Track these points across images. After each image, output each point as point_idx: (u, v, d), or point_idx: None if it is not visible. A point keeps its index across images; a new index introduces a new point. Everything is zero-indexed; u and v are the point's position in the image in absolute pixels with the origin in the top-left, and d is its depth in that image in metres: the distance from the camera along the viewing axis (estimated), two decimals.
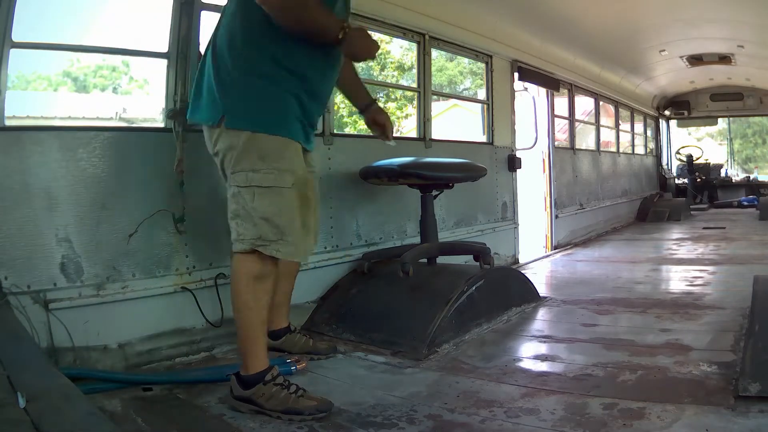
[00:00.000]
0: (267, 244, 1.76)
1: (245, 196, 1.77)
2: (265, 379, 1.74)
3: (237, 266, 1.81)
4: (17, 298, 1.92)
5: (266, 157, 1.76)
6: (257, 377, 1.74)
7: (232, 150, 1.78)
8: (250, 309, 1.78)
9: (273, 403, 1.72)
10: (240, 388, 1.76)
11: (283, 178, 1.78)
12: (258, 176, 1.76)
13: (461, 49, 4.18)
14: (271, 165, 1.76)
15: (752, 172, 15.00)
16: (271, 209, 1.76)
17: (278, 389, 1.73)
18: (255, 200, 1.76)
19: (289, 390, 1.73)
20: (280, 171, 1.77)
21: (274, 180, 1.76)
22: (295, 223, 1.82)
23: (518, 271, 3.79)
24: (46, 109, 6.81)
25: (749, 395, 1.68)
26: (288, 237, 1.78)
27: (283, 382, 1.75)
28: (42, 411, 1.02)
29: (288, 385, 1.75)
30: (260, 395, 1.73)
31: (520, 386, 1.96)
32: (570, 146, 6.04)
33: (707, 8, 5.07)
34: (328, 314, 2.76)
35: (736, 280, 3.55)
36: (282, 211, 1.78)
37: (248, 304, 1.78)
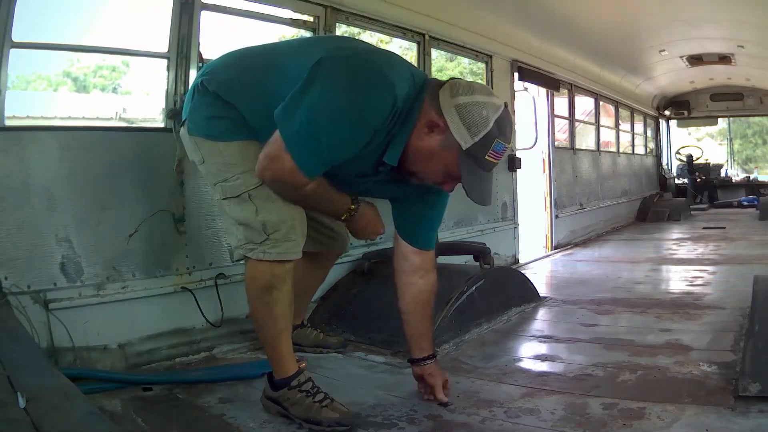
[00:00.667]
0: (254, 247, 1.66)
1: (225, 207, 1.71)
2: (291, 385, 1.70)
3: (248, 276, 1.72)
4: (17, 298, 1.92)
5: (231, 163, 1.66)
6: (284, 382, 1.71)
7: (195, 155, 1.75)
8: (262, 319, 1.71)
9: (296, 409, 1.68)
10: (270, 388, 1.75)
11: (247, 180, 1.64)
12: (228, 185, 1.67)
13: (461, 49, 4.18)
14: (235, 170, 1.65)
15: (752, 172, 14.99)
16: (246, 213, 1.66)
17: (302, 396, 1.68)
18: (231, 209, 1.69)
19: (314, 398, 1.68)
20: (245, 173, 1.64)
21: (243, 184, 1.65)
22: (281, 215, 1.65)
23: (518, 271, 3.79)
24: (46, 109, 6.80)
25: (749, 395, 1.68)
26: (275, 234, 1.64)
27: (311, 389, 1.70)
28: (42, 411, 1.02)
29: (315, 392, 1.70)
30: (285, 399, 1.70)
31: (520, 386, 1.96)
32: (570, 146, 6.04)
33: (707, 8, 5.07)
34: (328, 314, 2.76)
35: (736, 280, 3.55)
36: (260, 209, 1.64)
37: (260, 315, 1.71)
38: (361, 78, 1.47)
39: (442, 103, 1.51)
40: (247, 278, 1.71)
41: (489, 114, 1.50)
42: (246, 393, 1.94)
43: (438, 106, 1.52)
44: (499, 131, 1.51)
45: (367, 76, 1.48)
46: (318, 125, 1.46)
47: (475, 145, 1.50)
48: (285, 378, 1.71)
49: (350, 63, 1.51)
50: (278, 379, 1.72)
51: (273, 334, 1.71)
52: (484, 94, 1.54)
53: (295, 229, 1.68)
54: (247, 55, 1.74)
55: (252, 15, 2.69)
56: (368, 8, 3.24)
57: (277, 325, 1.70)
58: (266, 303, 1.68)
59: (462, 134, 1.50)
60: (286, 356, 1.73)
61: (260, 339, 1.79)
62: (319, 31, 2.97)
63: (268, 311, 1.68)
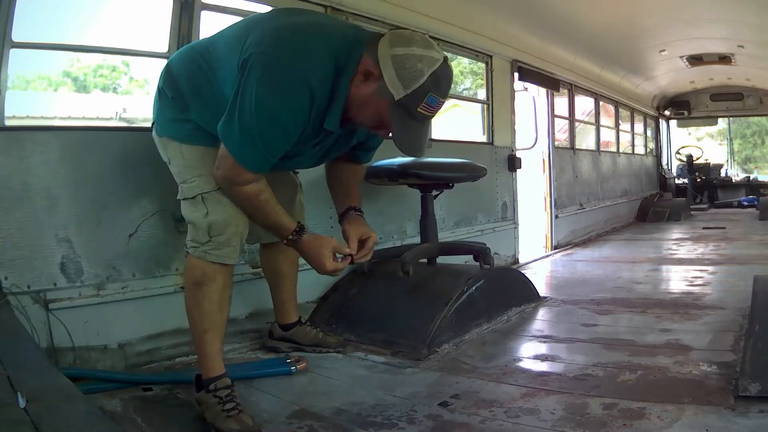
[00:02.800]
0: (197, 246, 1.76)
1: (182, 205, 1.81)
2: (208, 387, 1.71)
3: (185, 271, 1.82)
4: (17, 298, 1.92)
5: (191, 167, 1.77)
6: (204, 383, 1.73)
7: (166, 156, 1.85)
8: (192, 315, 1.78)
9: (208, 413, 1.69)
10: (195, 388, 1.77)
11: (205, 183, 1.75)
12: (186, 187, 1.78)
13: (461, 49, 4.18)
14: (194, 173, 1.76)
15: (752, 172, 14.99)
16: (196, 215, 1.76)
17: (215, 402, 1.67)
18: (185, 209, 1.80)
19: (223, 406, 1.66)
20: (201, 177, 1.75)
21: (198, 187, 1.75)
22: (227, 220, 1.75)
23: (518, 271, 3.79)
24: (46, 109, 6.79)
25: (749, 395, 1.68)
26: (218, 237, 1.75)
27: (224, 396, 1.68)
28: (42, 411, 1.02)
29: (227, 400, 1.67)
30: (202, 401, 1.72)
31: (520, 386, 1.96)
32: (570, 146, 6.04)
33: (707, 8, 5.07)
34: (328, 314, 2.76)
35: (736, 280, 3.54)
36: (209, 212, 1.75)
37: (191, 310, 1.78)
38: (277, 85, 1.54)
39: (380, 52, 1.55)
40: (184, 273, 1.83)
41: (424, 67, 1.51)
42: (246, 393, 1.94)
43: (376, 55, 1.55)
44: (433, 85, 1.52)
45: (281, 81, 1.54)
46: (251, 132, 1.57)
47: (408, 97, 1.52)
48: (207, 379, 1.73)
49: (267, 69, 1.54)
50: (203, 379, 1.74)
51: (200, 331, 1.75)
52: (422, 47, 1.54)
53: (237, 236, 1.79)
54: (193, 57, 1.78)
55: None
56: (368, 8, 3.24)
57: (204, 322, 1.75)
58: (195, 297, 1.76)
59: (395, 85, 1.53)
60: (210, 357, 1.75)
61: (191, 335, 1.81)
62: None
63: (197, 306, 1.76)
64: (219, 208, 1.75)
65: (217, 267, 1.77)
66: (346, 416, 1.75)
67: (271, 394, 1.92)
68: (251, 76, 1.54)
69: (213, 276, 1.76)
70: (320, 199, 2.99)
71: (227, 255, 1.78)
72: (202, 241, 1.75)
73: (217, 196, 1.74)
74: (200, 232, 1.76)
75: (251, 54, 1.55)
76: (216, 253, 1.76)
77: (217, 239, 1.75)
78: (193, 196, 1.76)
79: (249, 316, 2.61)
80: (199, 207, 1.76)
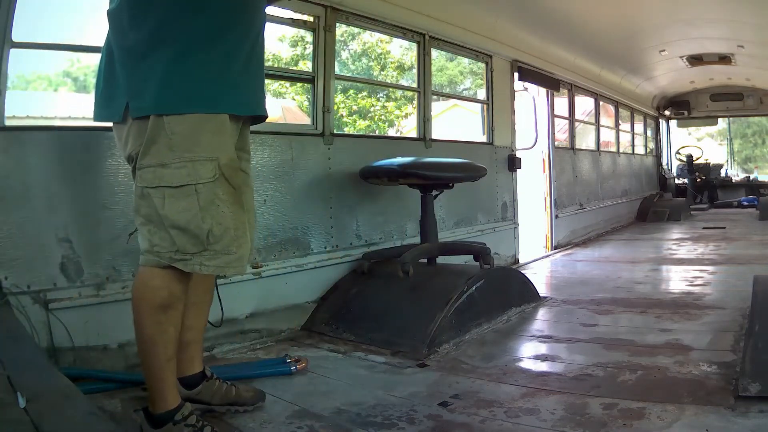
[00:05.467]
0: (188, 258, 1.42)
1: (155, 198, 1.42)
2: (175, 419, 1.49)
3: (141, 291, 1.47)
4: (17, 298, 1.92)
5: (175, 146, 1.40)
6: (166, 416, 1.49)
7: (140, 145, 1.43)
8: (155, 344, 1.47)
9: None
10: (149, 425, 1.50)
11: (201, 169, 1.41)
12: (167, 172, 1.40)
13: (461, 49, 4.18)
14: (183, 155, 1.40)
15: (752, 172, 14.99)
16: (186, 215, 1.41)
17: (189, 430, 1.50)
18: (165, 205, 1.41)
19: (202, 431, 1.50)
20: (195, 162, 1.41)
21: (187, 175, 1.40)
22: (226, 223, 1.45)
23: (518, 271, 3.79)
24: (46, 109, 6.80)
25: (749, 395, 1.68)
26: (215, 245, 1.43)
27: (196, 423, 1.51)
28: (42, 411, 1.02)
29: (201, 426, 1.51)
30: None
31: (520, 386, 1.96)
32: (570, 146, 6.04)
33: (707, 8, 5.07)
34: (328, 314, 2.77)
35: (736, 280, 3.55)
36: (204, 213, 1.42)
37: (153, 339, 1.47)
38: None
39: None
40: (137, 295, 1.48)
41: None
42: None
43: None
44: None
45: None
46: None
47: None
48: (168, 412, 1.49)
49: None
50: (160, 413, 1.49)
51: (163, 361, 1.48)
52: None
53: (238, 241, 1.48)
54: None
55: None
56: (368, 8, 3.24)
57: (168, 351, 1.49)
58: (160, 324, 1.46)
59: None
60: (171, 387, 1.52)
61: (146, 370, 1.50)
62: (318, 31, 2.98)
63: (161, 333, 1.47)
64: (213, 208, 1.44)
65: (183, 286, 1.49)
66: (346, 416, 1.75)
67: (271, 394, 1.92)
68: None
69: (179, 296, 1.48)
70: (320, 199, 3.00)
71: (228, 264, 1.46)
72: (193, 250, 1.42)
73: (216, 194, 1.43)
74: (191, 239, 1.42)
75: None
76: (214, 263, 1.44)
77: (215, 247, 1.44)
78: (180, 184, 1.41)
79: (249, 316, 2.61)
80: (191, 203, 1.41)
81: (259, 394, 1.84)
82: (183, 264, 1.44)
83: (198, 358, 1.78)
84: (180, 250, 1.43)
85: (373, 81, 16.38)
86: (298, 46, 12.73)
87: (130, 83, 1.43)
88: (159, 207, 1.42)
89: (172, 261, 1.44)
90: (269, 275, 2.70)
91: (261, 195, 2.71)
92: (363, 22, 3.32)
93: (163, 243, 1.44)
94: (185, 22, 1.43)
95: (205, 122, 1.44)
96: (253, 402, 1.81)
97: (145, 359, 1.50)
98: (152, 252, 1.45)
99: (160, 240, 1.44)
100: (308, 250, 2.91)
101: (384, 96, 14.90)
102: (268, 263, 2.71)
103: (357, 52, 15.49)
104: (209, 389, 1.77)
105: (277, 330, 2.70)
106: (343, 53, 14.98)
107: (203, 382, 1.77)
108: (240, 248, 1.49)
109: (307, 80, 3.23)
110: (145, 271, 1.48)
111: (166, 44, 1.41)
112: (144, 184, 1.44)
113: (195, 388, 1.74)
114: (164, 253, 1.44)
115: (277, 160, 2.80)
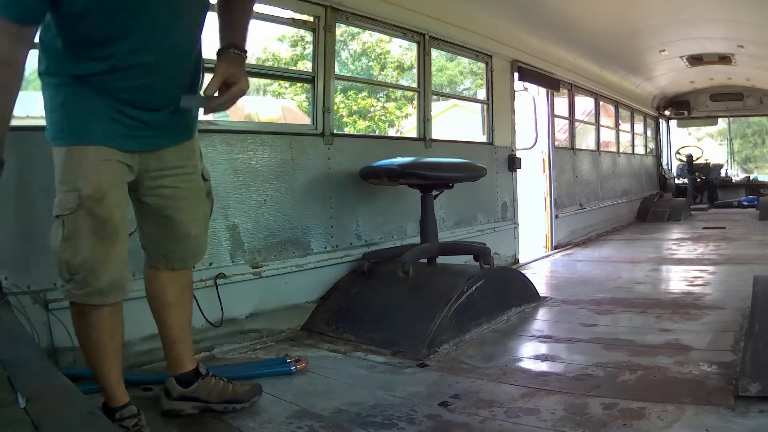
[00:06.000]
0: (63, 284, 1.51)
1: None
2: (114, 417, 1.56)
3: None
4: (17, 298, 1.92)
5: (56, 175, 1.48)
6: (107, 412, 1.56)
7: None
8: (84, 345, 1.58)
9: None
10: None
11: (64, 200, 1.45)
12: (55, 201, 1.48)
13: (461, 49, 4.18)
14: (58, 186, 1.47)
15: (752, 172, 15.01)
16: (55, 245, 1.47)
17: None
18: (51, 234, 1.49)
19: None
20: (62, 193, 1.46)
21: (57, 206, 1.47)
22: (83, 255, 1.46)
23: (518, 271, 3.79)
24: None
25: (749, 395, 1.68)
26: (76, 276, 1.47)
27: (130, 426, 1.55)
28: (42, 411, 1.02)
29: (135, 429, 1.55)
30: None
31: (520, 386, 1.96)
32: (570, 146, 6.04)
33: (707, 8, 5.07)
34: (328, 314, 2.77)
35: (736, 280, 3.55)
36: (64, 243, 1.46)
37: (81, 341, 1.58)
38: None
39: None
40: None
41: None
42: None
43: None
44: None
45: None
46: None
47: None
48: (110, 409, 1.57)
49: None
50: (106, 408, 1.58)
51: (93, 361, 1.57)
52: None
53: (95, 274, 1.49)
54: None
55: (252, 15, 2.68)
56: (368, 8, 3.24)
57: (97, 352, 1.56)
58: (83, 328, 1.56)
59: None
60: (112, 386, 1.58)
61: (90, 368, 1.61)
62: (318, 31, 2.98)
63: (86, 337, 1.56)
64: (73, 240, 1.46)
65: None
66: (346, 416, 1.75)
67: (271, 394, 1.92)
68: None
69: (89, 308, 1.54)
70: (320, 199, 3.00)
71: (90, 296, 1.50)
72: (66, 277, 1.48)
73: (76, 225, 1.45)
74: (60, 268, 1.48)
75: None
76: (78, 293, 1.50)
77: (77, 277, 1.48)
78: (55, 214, 1.46)
79: (249, 316, 2.61)
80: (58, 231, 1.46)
81: (256, 387, 1.86)
82: (61, 290, 1.54)
83: (188, 356, 1.79)
84: (60, 277, 1.51)
85: (373, 81, 16.40)
86: (298, 46, 12.75)
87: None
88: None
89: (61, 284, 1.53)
90: (269, 275, 2.70)
91: (261, 195, 2.71)
92: (363, 22, 3.32)
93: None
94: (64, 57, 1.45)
95: (70, 153, 1.47)
96: (250, 397, 1.83)
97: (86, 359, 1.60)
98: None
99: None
100: (308, 250, 2.91)
101: (384, 96, 14.92)
102: (268, 263, 2.71)
103: (357, 51, 15.51)
104: (206, 387, 1.78)
105: (277, 330, 2.70)
106: (342, 53, 15.00)
107: (198, 380, 1.78)
108: (98, 281, 1.49)
109: (307, 80, 3.23)
110: None
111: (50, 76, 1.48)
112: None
113: (190, 386, 1.76)
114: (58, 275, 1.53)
115: (277, 160, 2.80)
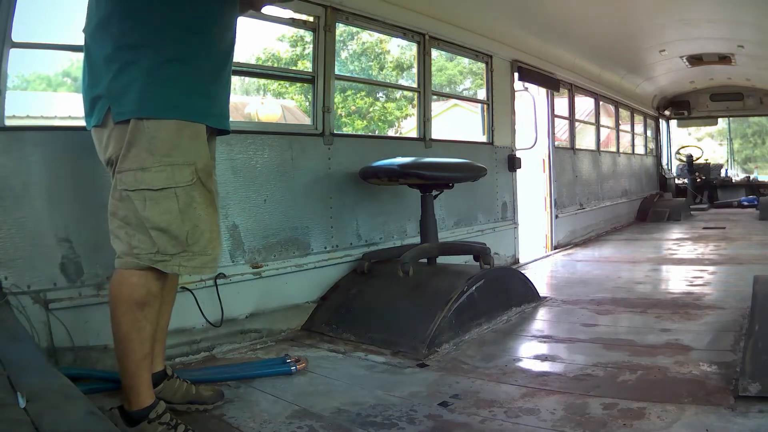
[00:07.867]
0: (167, 259, 1.49)
1: (135, 201, 1.48)
2: (149, 417, 1.51)
3: (118, 289, 1.51)
4: (17, 298, 1.92)
5: (155, 149, 1.47)
6: (141, 414, 1.52)
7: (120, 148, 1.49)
8: (131, 341, 1.50)
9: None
10: (125, 424, 1.52)
11: (180, 173, 1.48)
12: (148, 176, 1.46)
13: (461, 49, 4.18)
14: (162, 160, 1.47)
15: (752, 172, 15.01)
16: (167, 217, 1.47)
17: (164, 429, 1.52)
18: (146, 207, 1.47)
19: (176, 430, 1.54)
20: (174, 166, 1.48)
21: (166, 179, 1.47)
22: (203, 226, 1.53)
23: (518, 271, 3.79)
24: (46, 109, 6.80)
25: (749, 395, 1.68)
26: (194, 247, 1.51)
27: (170, 421, 1.54)
28: (42, 411, 1.02)
29: (175, 424, 1.54)
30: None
31: (520, 386, 1.96)
32: (570, 146, 6.04)
33: (707, 8, 5.07)
34: (328, 314, 2.77)
35: (736, 280, 3.55)
36: (183, 215, 1.49)
37: (129, 336, 1.50)
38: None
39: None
40: (115, 292, 1.52)
41: None
42: (246, 393, 1.94)
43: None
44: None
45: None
46: None
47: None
48: (143, 409, 1.52)
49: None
50: (135, 411, 1.52)
51: (139, 358, 1.51)
52: None
53: (213, 243, 1.56)
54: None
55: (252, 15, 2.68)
56: (368, 8, 3.24)
57: (144, 348, 1.52)
58: (137, 321, 1.50)
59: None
60: (146, 384, 1.55)
61: (123, 367, 1.52)
62: (318, 31, 2.98)
63: (138, 331, 1.50)
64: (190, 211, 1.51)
65: (160, 283, 1.54)
66: (346, 416, 1.75)
67: (271, 394, 1.93)
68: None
69: (157, 294, 1.53)
70: (320, 199, 3.00)
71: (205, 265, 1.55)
72: (173, 251, 1.49)
73: (194, 196, 1.51)
74: (171, 240, 1.48)
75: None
76: (192, 264, 1.52)
77: (194, 248, 1.51)
78: (161, 187, 1.47)
79: (249, 316, 2.61)
80: (171, 205, 1.48)
81: (218, 393, 1.87)
82: (163, 265, 1.50)
83: (160, 357, 1.80)
84: (160, 251, 1.49)
85: (373, 81, 16.41)
86: (298, 45, 12.75)
87: (113, 88, 1.48)
88: (140, 209, 1.48)
89: (152, 262, 1.49)
90: (269, 275, 2.70)
91: (261, 195, 2.71)
92: (363, 22, 3.32)
93: (143, 245, 1.49)
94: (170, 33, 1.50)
95: (183, 128, 1.51)
96: (213, 401, 1.84)
97: (121, 357, 1.53)
98: (131, 254, 1.50)
99: (140, 242, 1.49)
100: (308, 250, 2.91)
101: (384, 96, 14.92)
102: (268, 263, 2.71)
103: (356, 51, 15.51)
104: (170, 388, 1.79)
105: (277, 330, 2.70)
106: (342, 53, 15.00)
107: (164, 381, 1.79)
108: (214, 250, 1.57)
109: (307, 80, 3.23)
110: (123, 272, 1.52)
111: (150, 53, 1.48)
112: (123, 186, 1.49)
113: (157, 386, 1.74)
114: (144, 254, 1.49)
115: (277, 160, 2.80)
